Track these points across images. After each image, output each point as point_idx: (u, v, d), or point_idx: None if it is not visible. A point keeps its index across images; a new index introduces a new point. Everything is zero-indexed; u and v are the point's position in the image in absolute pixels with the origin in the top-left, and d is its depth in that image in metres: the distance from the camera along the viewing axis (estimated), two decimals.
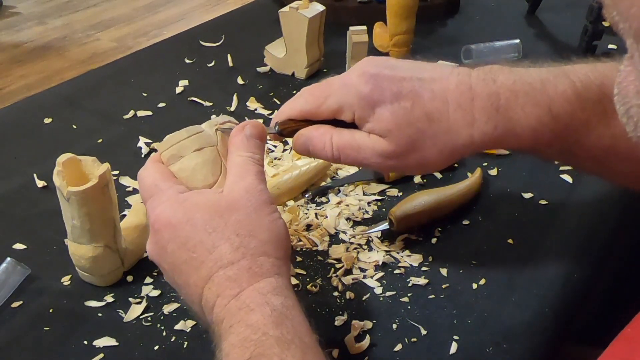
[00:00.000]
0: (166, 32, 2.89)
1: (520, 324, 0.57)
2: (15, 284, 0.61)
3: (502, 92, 0.51)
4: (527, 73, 0.53)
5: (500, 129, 0.51)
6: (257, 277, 0.45)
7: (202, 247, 0.46)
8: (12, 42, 2.92)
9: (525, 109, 0.51)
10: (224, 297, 0.45)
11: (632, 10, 0.28)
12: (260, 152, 0.51)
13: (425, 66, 0.54)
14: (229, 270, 0.45)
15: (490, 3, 1.22)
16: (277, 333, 0.42)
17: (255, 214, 0.48)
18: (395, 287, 0.61)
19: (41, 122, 0.86)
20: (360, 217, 0.69)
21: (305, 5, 0.90)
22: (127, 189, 0.74)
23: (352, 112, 0.53)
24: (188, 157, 0.51)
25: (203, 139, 0.52)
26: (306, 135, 0.54)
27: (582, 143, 0.53)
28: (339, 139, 0.53)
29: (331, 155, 0.54)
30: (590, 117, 0.52)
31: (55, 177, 0.56)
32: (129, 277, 0.62)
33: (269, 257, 0.47)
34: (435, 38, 1.09)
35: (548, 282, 0.61)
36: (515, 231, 0.67)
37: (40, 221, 0.69)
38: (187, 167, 0.51)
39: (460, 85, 0.51)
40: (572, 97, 0.51)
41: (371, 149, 0.52)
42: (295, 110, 0.55)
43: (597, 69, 0.53)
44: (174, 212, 0.48)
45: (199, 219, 0.47)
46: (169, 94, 0.92)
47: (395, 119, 0.51)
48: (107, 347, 0.56)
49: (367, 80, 0.52)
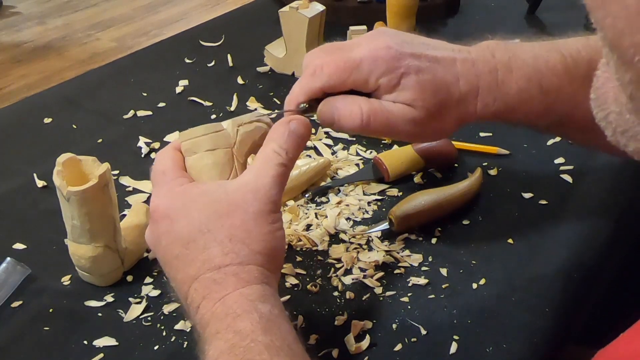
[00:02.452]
0: (166, 32, 2.89)
1: (520, 324, 0.57)
2: (15, 284, 0.61)
3: (500, 67, 0.55)
4: (522, 49, 0.56)
5: (498, 102, 0.55)
6: (244, 283, 0.45)
7: (195, 246, 0.46)
8: (12, 42, 2.92)
9: (519, 83, 0.55)
10: (210, 299, 0.45)
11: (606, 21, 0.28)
12: (295, 150, 0.50)
13: (432, 43, 0.56)
14: (216, 273, 0.45)
15: (490, 3, 1.22)
16: (267, 340, 0.42)
17: (254, 221, 0.47)
18: (395, 287, 0.61)
19: (41, 122, 0.86)
20: (360, 217, 0.69)
21: (305, 5, 0.90)
22: (127, 189, 0.74)
23: (377, 84, 0.53)
24: (200, 155, 0.50)
25: (219, 139, 0.51)
26: (332, 104, 0.54)
27: (571, 115, 0.56)
28: (369, 106, 0.53)
29: (360, 121, 0.53)
30: (578, 91, 0.54)
31: (55, 177, 0.56)
32: (129, 277, 0.62)
33: (258, 267, 0.46)
34: (435, 38, 1.09)
35: (548, 282, 0.61)
36: (515, 231, 0.67)
37: (40, 221, 0.69)
38: (196, 165, 0.50)
39: (465, 62, 0.55)
40: (561, 72, 0.55)
41: (402, 115, 0.54)
42: (316, 88, 0.53)
43: (589, 44, 0.56)
44: (173, 205, 0.48)
45: (196, 217, 0.47)
46: (169, 94, 0.92)
47: (421, 89, 0.53)
48: (107, 347, 0.56)
49: (394, 55, 0.53)
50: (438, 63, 0.54)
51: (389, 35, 0.55)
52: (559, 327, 0.58)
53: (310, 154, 0.77)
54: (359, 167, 0.76)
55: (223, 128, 0.51)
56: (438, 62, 0.54)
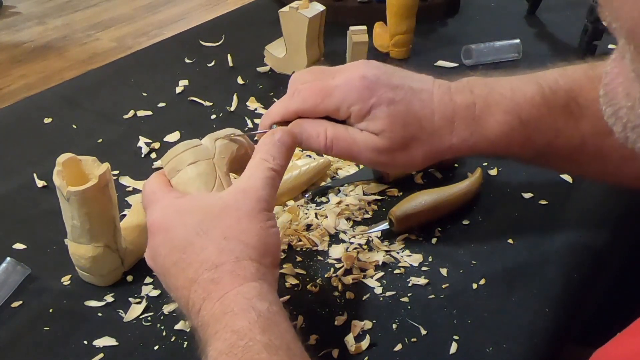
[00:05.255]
0: (166, 32, 2.89)
1: (520, 324, 0.57)
2: (15, 284, 0.61)
3: (478, 102, 0.56)
4: (500, 83, 0.57)
5: (476, 135, 0.56)
6: (240, 280, 0.45)
7: (192, 249, 0.47)
8: (12, 42, 2.92)
9: (497, 117, 0.56)
10: (210, 300, 0.45)
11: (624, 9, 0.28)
12: (282, 158, 0.52)
13: (414, 76, 0.58)
14: (214, 273, 0.46)
15: (490, 3, 1.22)
16: (265, 339, 0.42)
17: (247, 218, 0.48)
18: (395, 287, 0.61)
19: (41, 122, 0.86)
20: (360, 217, 0.69)
21: (305, 5, 0.90)
22: (127, 189, 0.74)
23: (348, 112, 0.55)
24: (184, 170, 0.52)
25: (198, 152, 0.53)
26: (301, 124, 0.56)
27: (552, 145, 0.57)
28: (333, 131, 0.55)
29: (324, 144, 0.55)
30: (558, 120, 0.56)
31: (55, 177, 0.56)
32: (129, 277, 0.62)
33: (253, 261, 0.47)
34: (435, 38, 1.09)
35: (548, 282, 0.61)
36: (515, 231, 0.67)
37: (40, 221, 0.69)
38: (181, 180, 0.52)
39: (443, 96, 0.56)
40: (539, 103, 0.56)
41: (364, 143, 0.55)
42: (291, 110, 0.56)
43: (567, 74, 0.57)
44: (167, 216, 0.49)
45: (191, 221, 0.48)
46: (169, 94, 0.92)
47: (391, 120, 0.54)
48: (107, 347, 0.56)
49: (367, 85, 0.55)
50: (414, 96, 0.55)
51: (371, 67, 0.56)
52: (559, 327, 0.58)
53: (310, 154, 0.77)
54: (359, 167, 0.76)
55: (199, 143, 0.54)
56: (414, 94, 0.55)
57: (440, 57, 1.00)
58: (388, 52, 1.02)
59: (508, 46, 1.00)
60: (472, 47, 0.99)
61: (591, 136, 0.56)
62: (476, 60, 0.98)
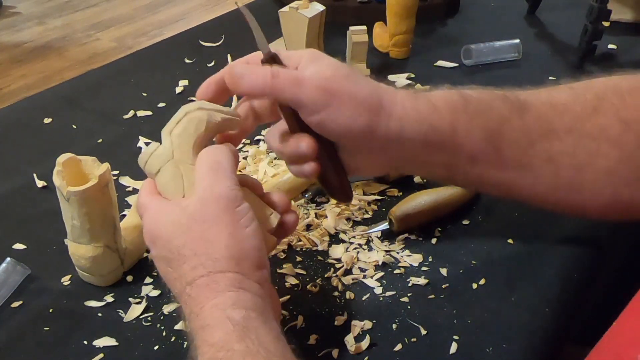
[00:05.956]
0: (166, 32, 2.89)
1: (520, 324, 0.57)
2: (15, 284, 0.61)
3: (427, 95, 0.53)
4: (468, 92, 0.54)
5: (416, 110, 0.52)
6: (215, 294, 0.45)
7: (174, 264, 0.48)
8: (12, 42, 2.93)
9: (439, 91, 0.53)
10: (192, 314, 0.46)
11: None
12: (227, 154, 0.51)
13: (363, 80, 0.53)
14: (191, 289, 0.46)
15: (490, 3, 1.22)
16: (242, 347, 0.43)
17: (215, 226, 0.47)
18: (395, 287, 0.61)
19: (41, 122, 0.86)
20: (360, 217, 0.69)
21: (305, 5, 0.90)
22: (127, 189, 0.74)
23: None
24: (158, 175, 0.51)
25: (158, 158, 0.51)
26: (236, 65, 0.57)
27: (500, 133, 0.52)
28: (276, 68, 0.54)
29: (270, 75, 0.53)
30: (503, 109, 0.53)
31: (55, 177, 0.56)
32: (129, 277, 0.62)
33: (225, 273, 0.46)
34: (435, 38, 1.09)
35: (548, 282, 0.61)
36: (515, 231, 0.67)
37: (40, 221, 0.69)
38: (159, 184, 0.51)
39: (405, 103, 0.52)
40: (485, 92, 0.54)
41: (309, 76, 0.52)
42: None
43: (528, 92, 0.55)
44: (152, 230, 0.49)
45: (166, 239, 0.48)
46: (169, 94, 0.92)
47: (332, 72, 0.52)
48: (107, 347, 0.56)
49: None
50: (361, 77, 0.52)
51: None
52: (559, 327, 0.58)
53: None
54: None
55: (156, 146, 0.51)
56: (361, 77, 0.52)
57: (440, 57, 1.00)
58: (388, 52, 1.02)
59: (508, 46, 1.00)
60: (472, 47, 0.99)
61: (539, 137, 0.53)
62: (476, 60, 0.98)
